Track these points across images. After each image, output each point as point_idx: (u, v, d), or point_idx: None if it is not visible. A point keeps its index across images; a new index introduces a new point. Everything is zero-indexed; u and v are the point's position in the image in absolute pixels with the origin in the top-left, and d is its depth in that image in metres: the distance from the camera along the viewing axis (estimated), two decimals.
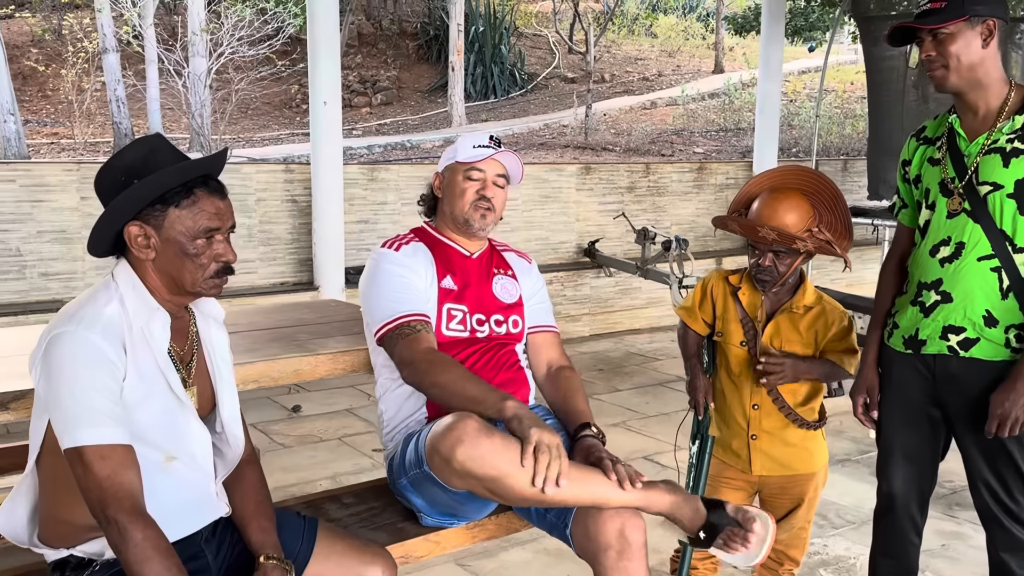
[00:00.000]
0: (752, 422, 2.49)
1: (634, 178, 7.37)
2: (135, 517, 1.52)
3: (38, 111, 15.93)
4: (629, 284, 6.95)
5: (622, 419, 4.78)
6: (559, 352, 2.41)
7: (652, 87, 17.89)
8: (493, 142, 2.28)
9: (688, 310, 2.65)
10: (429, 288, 2.24)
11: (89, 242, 1.69)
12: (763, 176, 2.49)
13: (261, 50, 9.53)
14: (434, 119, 15.04)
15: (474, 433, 1.84)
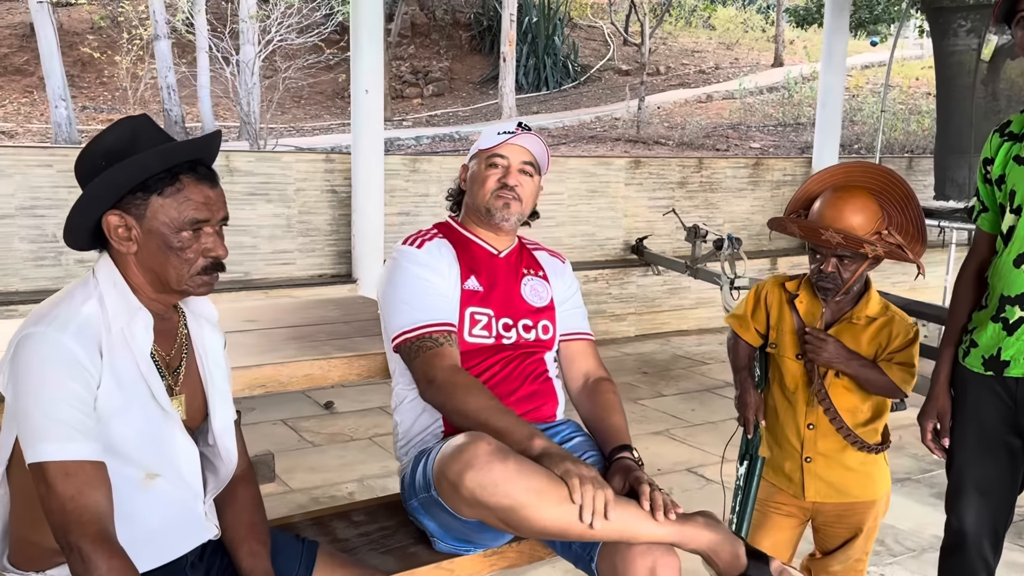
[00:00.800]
0: (807, 443, 2.27)
1: (686, 173, 7.10)
2: (100, 544, 1.36)
3: (96, 97, 16.14)
4: (678, 283, 6.69)
5: (665, 427, 4.55)
6: (596, 362, 2.22)
7: (709, 80, 17.49)
8: (521, 129, 2.11)
9: (739, 318, 2.43)
10: (452, 291, 2.05)
11: (65, 232, 1.53)
12: (825, 173, 2.25)
13: (310, 38, 9.44)
14: (485, 111, 14.87)
15: (486, 457, 1.64)
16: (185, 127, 10.43)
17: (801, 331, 2.28)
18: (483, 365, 2.02)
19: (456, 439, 1.72)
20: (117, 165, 1.46)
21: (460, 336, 2.03)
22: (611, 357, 5.98)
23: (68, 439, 1.39)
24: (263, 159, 5.69)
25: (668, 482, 3.79)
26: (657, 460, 4.06)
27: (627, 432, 2.06)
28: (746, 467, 2.38)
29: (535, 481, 1.65)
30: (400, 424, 2.10)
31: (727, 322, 2.48)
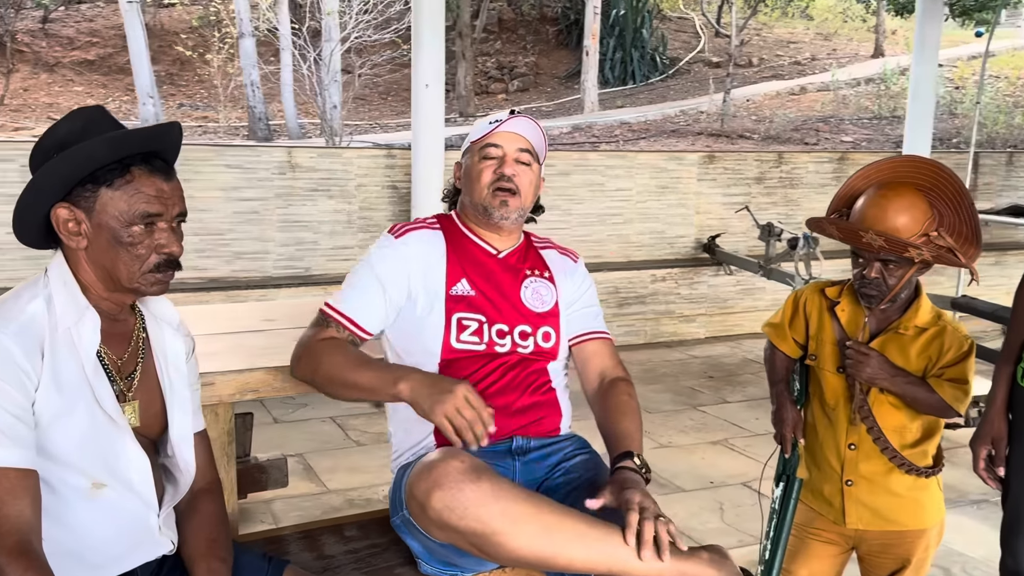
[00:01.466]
0: (847, 464, 2.08)
1: (764, 168, 6.79)
2: (16, 557, 1.29)
3: (193, 95, 16.66)
4: (752, 284, 6.41)
5: (725, 436, 4.32)
6: (613, 361, 2.03)
7: (804, 71, 16.87)
8: (513, 115, 1.94)
9: (776, 327, 2.24)
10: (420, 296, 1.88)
11: (14, 226, 1.47)
12: (870, 168, 2.03)
13: (386, 34, 9.45)
14: (568, 105, 14.69)
15: (456, 476, 1.50)
16: (269, 124, 10.61)
17: (842, 342, 2.07)
18: (476, 376, 1.87)
19: (430, 455, 1.59)
20: (62, 154, 1.40)
21: (446, 342, 1.87)
22: (677, 360, 5.76)
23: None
24: (325, 155, 5.68)
25: (720, 496, 3.58)
26: (711, 472, 3.85)
27: (637, 437, 1.87)
28: (782, 489, 2.20)
29: (512, 506, 1.51)
30: (394, 435, 1.99)
31: (763, 331, 2.29)
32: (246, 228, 5.34)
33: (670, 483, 3.71)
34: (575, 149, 9.62)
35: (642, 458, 1.77)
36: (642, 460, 1.77)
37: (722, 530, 3.28)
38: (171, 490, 1.59)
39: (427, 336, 1.87)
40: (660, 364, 5.65)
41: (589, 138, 10.83)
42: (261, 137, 10.05)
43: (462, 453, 1.57)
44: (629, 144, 10.20)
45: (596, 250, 6.19)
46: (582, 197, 6.11)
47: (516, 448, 1.89)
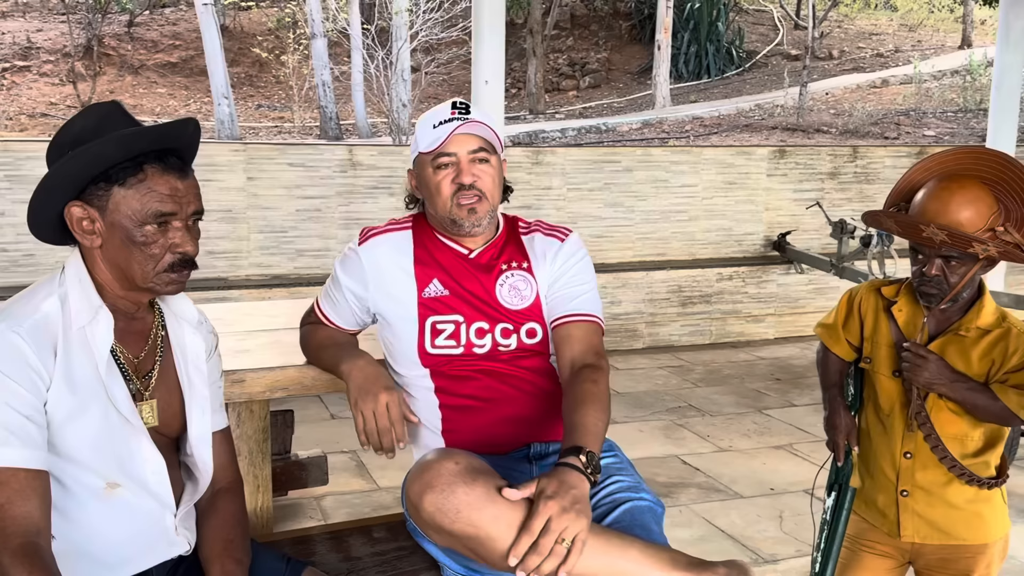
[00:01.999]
0: (903, 474, 1.95)
1: (838, 163, 6.55)
2: (21, 559, 1.27)
3: (270, 96, 17.03)
4: (824, 283, 6.19)
5: (789, 440, 4.16)
6: (585, 347, 1.79)
7: (886, 64, 16.33)
8: (457, 111, 1.78)
9: (828, 328, 2.12)
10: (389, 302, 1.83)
11: (29, 224, 1.46)
12: (931, 160, 1.90)
13: (453, 32, 9.46)
14: (639, 101, 14.52)
15: (448, 478, 1.45)
16: (340, 123, 10.75)
17: (899, 344, 1.95)
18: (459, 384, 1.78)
19: (428, 454, 1.55)
20: (72, 153, 1.38)
21: (422, 348, 1.79)
22: (743, 361, 5.60)
23: (3, 444, 1.31)
24: (385, 153, 5.69)
25: (780, 504, 3.45)
26: (772, 478, 3.71)
27: (594, 430, 1.61)
28: (834, 499, 2.08)
29: (506, 510, 1.43)
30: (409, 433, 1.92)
31: (815, 332, 2.18)
32: (308, 226, 5.38)
33: (728, 489, 3.59)
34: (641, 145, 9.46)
35: (592, 455, 1.53)
36: (591, 458, 1.53)
37: (779, 539, 3.15)
38: (190, 488, 1.57)
39: (404, 342, 1.81)
40: (725, 365, 5.50)
41: (659, 134, 10.66)
42: (332, 136, 10.19)
43: (458, 454, 1.51)
44: (700, 139, 10.00)
45: (660, 247, 6.06)
46: (646, 194, 5.99)
47: (534, 454, 1.82)
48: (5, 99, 13.79)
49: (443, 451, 1.54)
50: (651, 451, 3.97)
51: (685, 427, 4.33)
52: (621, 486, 1.72)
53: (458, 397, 1.80)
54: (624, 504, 1.66)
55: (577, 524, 1.41)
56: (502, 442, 1.80)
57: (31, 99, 15.00)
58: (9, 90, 14.96)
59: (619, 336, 5.73)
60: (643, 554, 1.48)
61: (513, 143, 9.13)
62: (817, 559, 2.10)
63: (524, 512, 1.44)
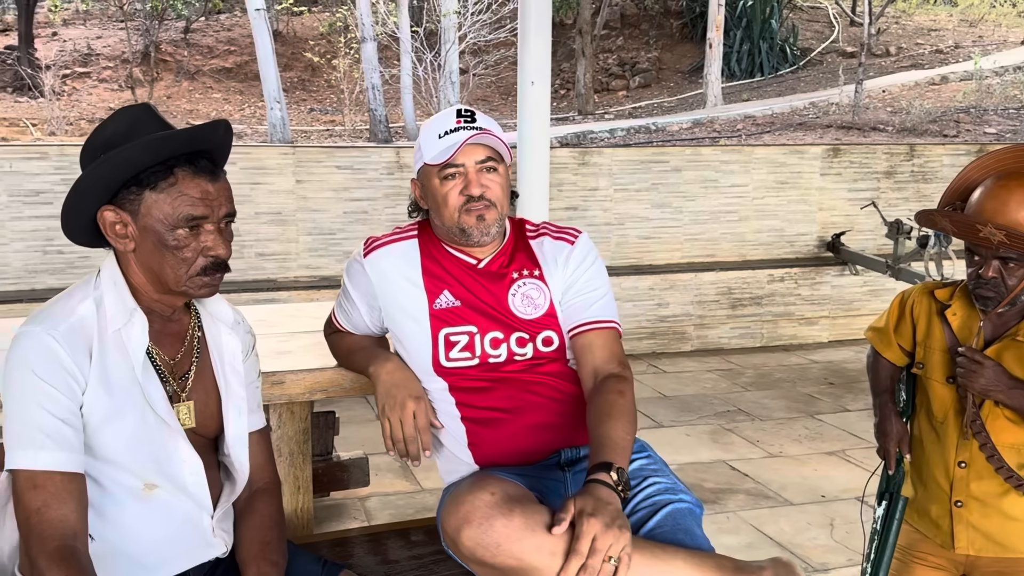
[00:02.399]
0: (957, 484, 1.88)
1: (895, 161, 6.39)
2: (58, 562, 1.28)
3: (322, 100, 17.21)
4: (880, 284, 6.04)
5: (842, 446, 4.06)
6: (607, 355, 1.75)
7: (946, 60, 15.91)
8: (462, 119, 1.73)
9: (880, 332, 2.06)
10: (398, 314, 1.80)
11: (63, 227, 1.47)
12: (989, 158, 1.84)
13: (501, 33, 9.44)
14: (691, 100, 14.36)
15: (485, 511, 1.42)
16: (389, 127, 10.80)
17: (953, 349, 1.88)
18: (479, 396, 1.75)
19: (459, 487, 1.52)
20: (104, 158, 1.39)
21: (436, 362, 1.76)
22: (795, 364, 5.49)
23: (40, 447, 1.32)
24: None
25: (831, 511, 3.36)
26: (823, 484, 3.62)
27: (622, 444, 1.57)
28: (885, 508, 2.02)
29: (549, 539, 1.40)
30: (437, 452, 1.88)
31: (866, 336, 2.11)
32: (356, 227, 5.41)
33: (777, 495, 3.51)
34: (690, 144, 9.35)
35: (622, 472, 1.51)
36: (621, 475, 1.50)
37: (830, 548, 3.07)
38: (228, 489, 1.58)
39: (418, 355, 1.78)
40: (776, 369, 5.39)
41: (710, 133, 10.51)
42: (382, 139, 10.25)
43: (492, 482, 1.48)
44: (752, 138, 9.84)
45: (709, 248, 5.97)
46: (695, 194, 5.90)
47: (564, 460, 1.78)
48: (66, 105, 14.17)
49: (476, 480, 1.50)
50: (698, 456, 3.91)
51: (734, 432, 4.25)
52: (659, 488, 1.68)
53: (479, 409, 1.77)
54: (665, 507, 1.62)
55: (622, 539, 1.38)
56: (530, 451, 1.77)
57: (91, 104, 15.38)
58: (70, 96, 15.36)
59: (667, 338, 5.66)
60: (688, 563, 1.45)
61: (561, 144, 9.09)
62: (867, 570, 2.05)
63: (565, 539, 1.41)
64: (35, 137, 12.57)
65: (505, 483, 1.49)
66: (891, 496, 2.02)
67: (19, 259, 4.90)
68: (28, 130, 13.33)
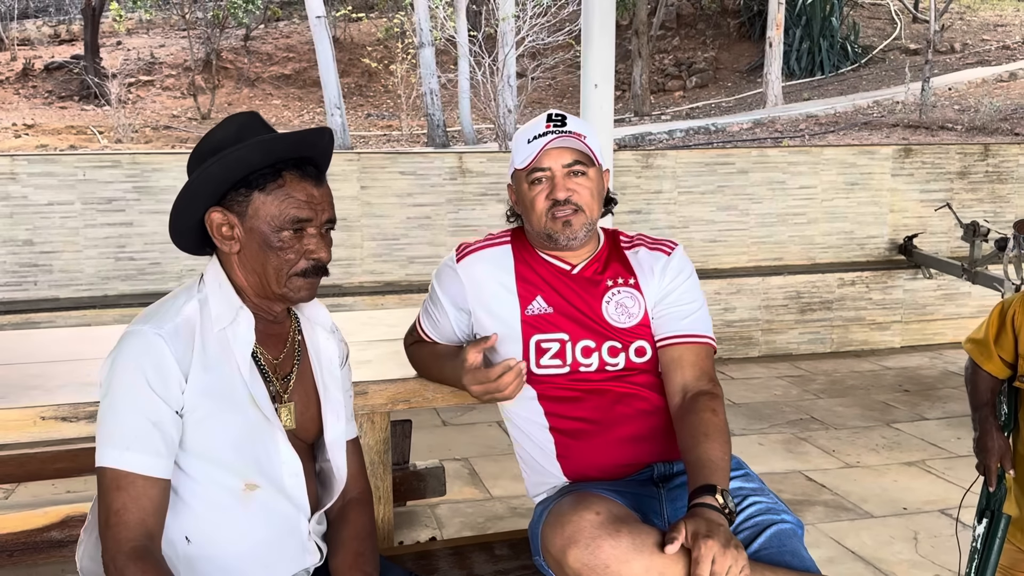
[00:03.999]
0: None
1: (968, 161, 6.19)
2: (134, 560, 1.30)
3: (379, 105, 17.38)
4: (955, 288, 5.86)
5: (921, 456, 3.93)
6: (698, 372, 1.72)
7: (1014, 56, 15.46)
8: (552, 123, 1.71)
9: (979, 344, 1.97)
10: (491, 320, 1.77)
11: (171, 231, 1.49)
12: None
13: (559, 36, 9.41)
14: (749, 100, 14.16)
15: (592, 531, 1.38)
16: (446, 130, 10.86)
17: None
18: (568, 407, 1.72)
19: (562, 505, 1.47)
20: (215, 157, 1.40)
21: (527, 368, 1.73)
22: (868, 371, 5.35)
23: (127, 448, 1.34)
24: (494, 159, 5.68)
25: (914, 524, 3.25)
26: (904, 496, 3.51)
27: (722, 465, 1.54)
28: (986, 526, 1.94)
29: (658, 560, 1.36)
30: (520, 454, 1.85)
31: (965, 348, 2.02)
32: (419, 233, 5.42)
33: (857, 507, 3.40)
34: (755, 145, 9.20)
35: (727, 494, 1.48)
36: (726, 497, 1.47)
37: (915, 562, 2.97)
38: (324, 495, 1.58)
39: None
40: (848, 375, 5.26)
41: (771, 133, 10.35)
42: (439, 144, 10.30)
43: (597, 502, 1.44)
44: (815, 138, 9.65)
45: (777, 252, 5.85)
46: (761, 196, 5.79)
47: (658, 476, 1.73)
48: (131, 112, 14.50)
49: (579, 499, 1.46)
50: (772, 466, 3.82)
51: (808, 441, 4.14)
52: (760, 508, 1.62)
53: (569, 420, 1.74)
54: (769, 528, 1.56)
55: (740, 559, 1.34)
56: (622, 465, 1.72)
57: (154, 112, 15.73)
58: (134, 104, 15.72)
59: (733, 344, 5.56)
60: None
61: (619, 146, 9.02)
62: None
63: (674, 560, 1.37)
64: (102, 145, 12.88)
65: (609, 502, 1.46)
66: (992, 514, 1.94)
67: (92, 266, 5.00)
68: (95, 137, 13.68)
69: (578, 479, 1.72)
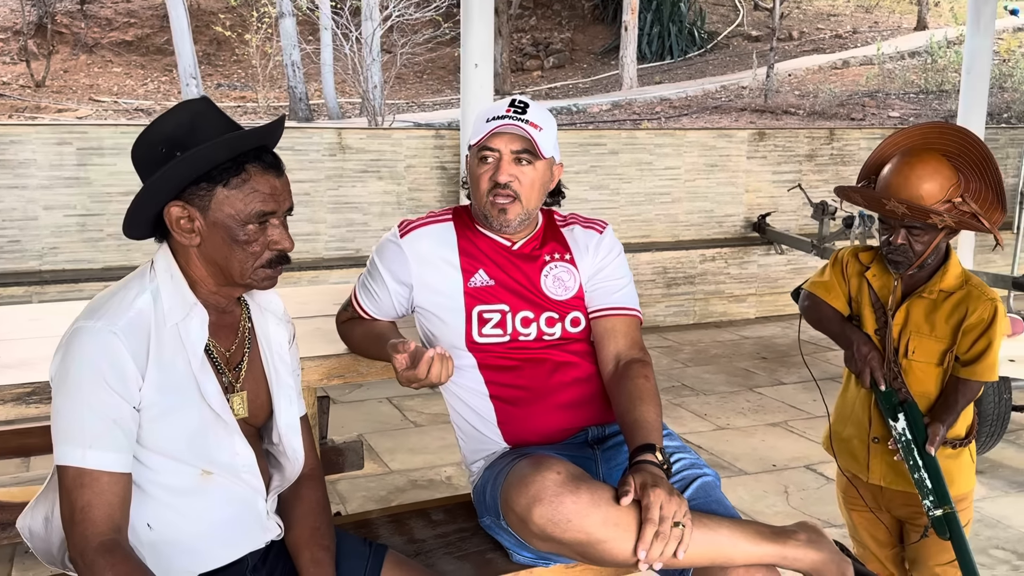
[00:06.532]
0: (875, 423, 2.07)
1: (815, 145, 6.69)
2: (103, 554, 1.31)
3: (230, 75, 16.73)
4: (803, 263, 6.34)
5: (784, 418, 4.28)
6: (629, 341, 1.86)
7: (845, 45, 16.59)
8: (513, 109, 1.79)
9: (825, 285, 2.17)
10: (434, 293, 1.86)
11: (125, 223, 1.47)
12: (899, 135, 2.02)
13: (427, 12, 9.40)
14: (605, 82, 14.57)
15: (555, 489, 1.49)
16: (309, 104, 10.64)
17: (877, 305, 2.07)
18: (504, 373, 1.83)
19: (522, 466, 1.57)
20: (182, 157, 1.39)
21: (469, 336, 1.84)
22: (728, 340, 5.72)
23: (89, 446, 1.33)
24: (375, 136, 5.67)
25: (784, 480, 3.56)
26: (772, 455, 3.82)
27: (656, 425, 1.68)
28: (904, 419, 2.01)
29: (612, 512, 1.49)
30: (455, 420, 1.94)
31: (809, 290, 2.20)
32: (299, 210, 5.29)
33: (732, 466, 3.69)
34: (618, 128, 9.53)
35: (663, 452, 1.63)
36: (664, 455, 1.62)
37: (789, 514, 3.26)
38: (277, 477, 1.60)
39: (451, 332, 1.85)
40: (712, 345, 5.61)
41: (630, 115, 10.73)
42: (302, 118, 10.08)
43: (556, 463, 1.55)
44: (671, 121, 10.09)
45: (645, 229, 6.14)
46: (631, 176, 6.06)
47: (592, 438, 1.87)
48: None
49: (537, 461, 1.56)
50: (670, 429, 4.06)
51: (681, 406, 4.42)
52: (685, 463, 1.78)
53: (509, 388, 1.85)
54: (695, 481, 1.72)
55: (683, 505, 1.50)
56: (560, 430, 1.85)
57: None
58: None
59: None
60: (733, 531, 1.55)
61: None
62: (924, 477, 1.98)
63: (627, 512, 1.49)
64: None
65: (566, 462, 1.57)
66: (902, 406, 2.02)
67: None
68: None
69: (518, 444, 1.83)
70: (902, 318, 2.02)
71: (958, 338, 1.97)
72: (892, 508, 2.13)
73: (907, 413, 2.02)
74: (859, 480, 2.13)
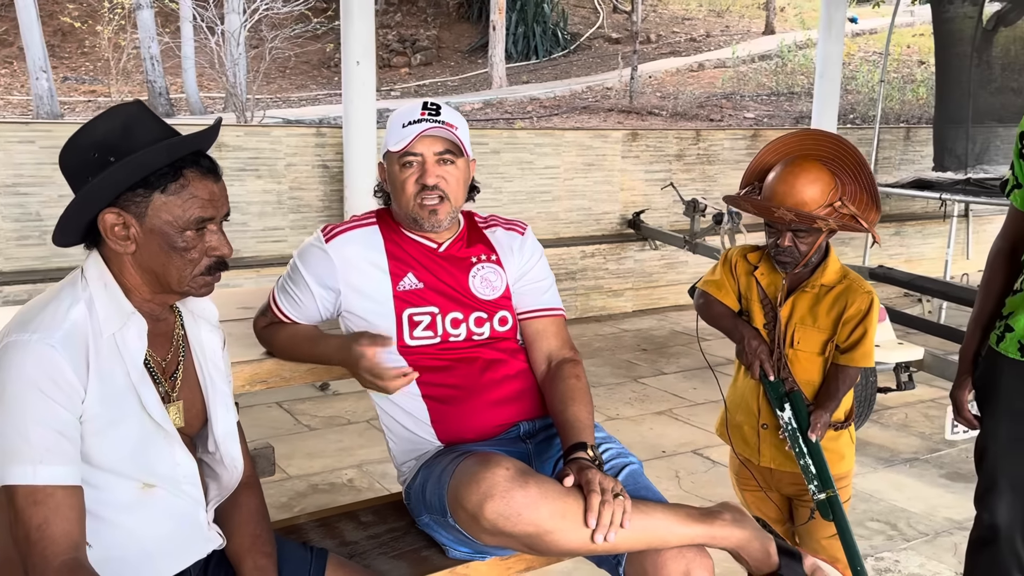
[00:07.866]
0: (763, 410, 2.22)
1: (683, 145, 6.98)
2: (64, 573, 1.26)
3: (77, 68, 15.83)
4: (676, 258, 6.60)
5: (668, 406, 4.47)
6: (559, 341, 1.96)
7: (700, 48, 17.31)
8: (427, 111, 1.83)
9: (717, 283, 2.31)
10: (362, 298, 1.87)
11: (56, 232, 1.40)
12: (778, 143, 2.18)
13: (296, 6, 9.21)
14: (474, 80, 14.67)
15: (505, 484, 1.54)
16: (170, 98, 10.21)
17: (765, 301, 2.22)
18: (436, 374, 1.86)
19: (470, 465, 1.61)
20: (119, 162, 1.34)
21: (400, 340, 1.86)
22: (609, 333, 5.90)
23: (39, 461, 1.28)
24: (252, 133, 5.53)
25: (674, 465, 3.72)
26: (661, 441, 3.99)
27: (588, 423, 1.79)
28: (791, 410, 2.15)
29: (559, 504, 1.55)
30: (384, 420, 1.95)
31: (702, 288, 2.34)
32: None
33: None
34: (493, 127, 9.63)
35: (595, 449, 1.71)
36: (595, 452, 1.71)
37: (682, 497, 3.41)
38: (215, 487, 1.57)
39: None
40: (594, 338, 5.77)
41: (502, 114, 10.85)
42: (162, 113, 9.66)
43: (503, 459, 1.59)
44: (542, 120, 10.28)
45: None
46: (512, 175, 6.15)
47: (524, 433, 1.92)
48: None
49: (484, 458, 1.60)
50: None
51: None
52: (613, 453, 1.87)
53: (441, 388, 1.87)
54: (623, 469, 1.81)
55: (617, 483, 1.60)
56: (492, 426, 1.89)
57: None
58: None
59: None
60: (665, 513, 1.63)
61: None
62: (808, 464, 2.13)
63: (572, 503, 1.56)
64: None
65: (512, 459, 1.61)
66: (788, 396, 2.16)
67: None
68: None
69: (452, 442, 1.86)
70: (788, 311, 2.16)
71: (838, 328, 2.13)
72: (781, 488, 2.28)
73: (793, 403, 2.17)
74: (751, 463, 2.27)
